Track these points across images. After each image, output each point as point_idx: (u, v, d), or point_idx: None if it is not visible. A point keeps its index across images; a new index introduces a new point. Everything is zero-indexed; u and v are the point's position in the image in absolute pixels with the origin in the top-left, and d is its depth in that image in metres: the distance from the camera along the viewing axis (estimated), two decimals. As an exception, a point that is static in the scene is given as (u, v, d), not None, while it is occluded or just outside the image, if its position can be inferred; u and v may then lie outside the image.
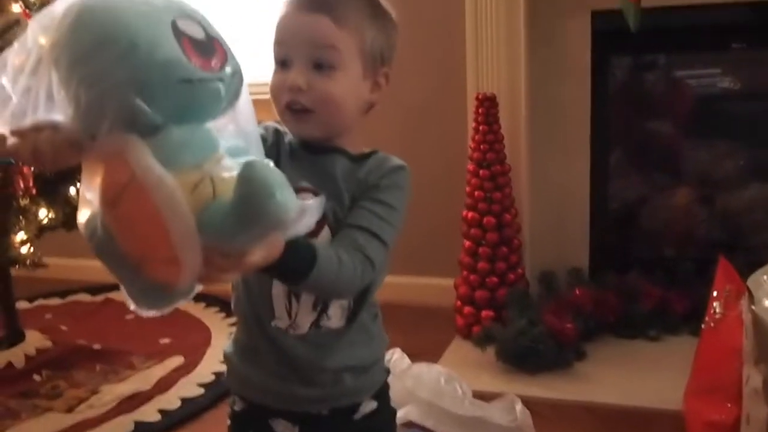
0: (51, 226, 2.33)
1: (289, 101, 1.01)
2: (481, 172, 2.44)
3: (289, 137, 1.07)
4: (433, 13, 2.64)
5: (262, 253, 0.78)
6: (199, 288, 0.83)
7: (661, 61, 2.76)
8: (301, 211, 0.75)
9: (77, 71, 0.72)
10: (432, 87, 2.70)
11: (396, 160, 1.07)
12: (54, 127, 0.74)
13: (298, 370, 1.04)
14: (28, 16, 2.24)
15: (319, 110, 1.01)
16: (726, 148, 2.71)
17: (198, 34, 0.77)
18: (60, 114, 0.74)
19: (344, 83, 1.01)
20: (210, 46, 0.78)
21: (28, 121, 0.74)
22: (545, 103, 2.60)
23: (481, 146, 2.43)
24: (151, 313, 0.85)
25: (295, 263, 0.88)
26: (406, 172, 1.06)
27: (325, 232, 1.01)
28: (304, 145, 1.06)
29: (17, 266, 2.27)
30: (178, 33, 0.74)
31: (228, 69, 0.79)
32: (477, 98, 2.44)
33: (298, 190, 0.98)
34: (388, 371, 1.15)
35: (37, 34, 0.75)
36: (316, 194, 1.01)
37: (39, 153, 0.74)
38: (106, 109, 0.71)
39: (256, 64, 1.17)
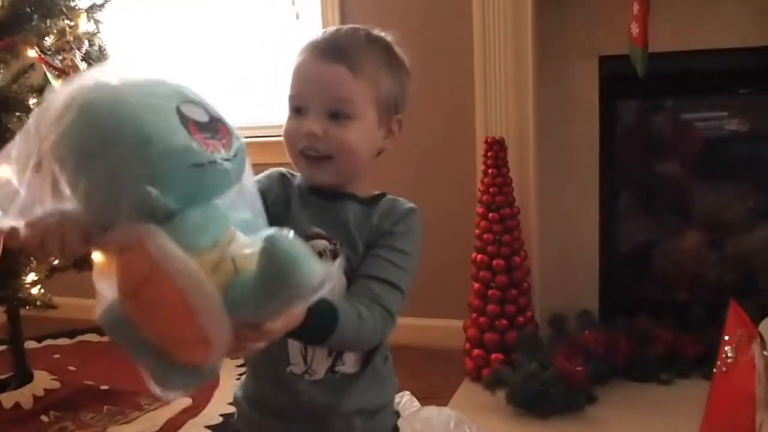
0: (61, 268, 2.34)
1: (304, 147, 1.02)
2: (490, 215, 2.44)
3: (298, 181, 1.08)
4: (442, 58, 2.67)
5: (283, 321, 0.79)
6: (223, 363, 0.83)
7: (668, 105, 2.78)
8: (325, 277, 0.75)
9: (86, 168, 0.72)
10: (441, 131, 2.72)
11: (406, 203, 1.08)
12: (62, 217, 0.74)
13: (310, 415, 1.04)
14: (43, 61, 2.28)
15: (335, 157, 1.02)
16: (735, 190, 2.71)
17: (202, 117, 0.78)
18: (68, 205, 0.74)
19: (359, 132, 1.02)
20: (215, 128, 0.79)
21: (36, 213, 0.75)
22: (554, 147, 2.61)
23: (490, 189, 2.44)
24: (177, 395, 0.85)
25: (317, 327, 0.90)
26: (417, 214, 1.07)
27: (340, 280, 1.01)
28: (314, 190, 1.07)
29: (27, 307, 2.27)
30: (183, 119, 0.75)
31: (234, 147, 0.80)
32: (486, 142, 2.46)
33: (310, 236, 1.01)
34: (398, 414, 1.14)
35: (40, 128, 0.75)
36: (328, 240, 1.02)
37: (48, 244, 0.75)
38: (120, 202, 0.72)
39: (267, 106, 1.19)
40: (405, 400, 2.04)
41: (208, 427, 2.21)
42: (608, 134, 2.66)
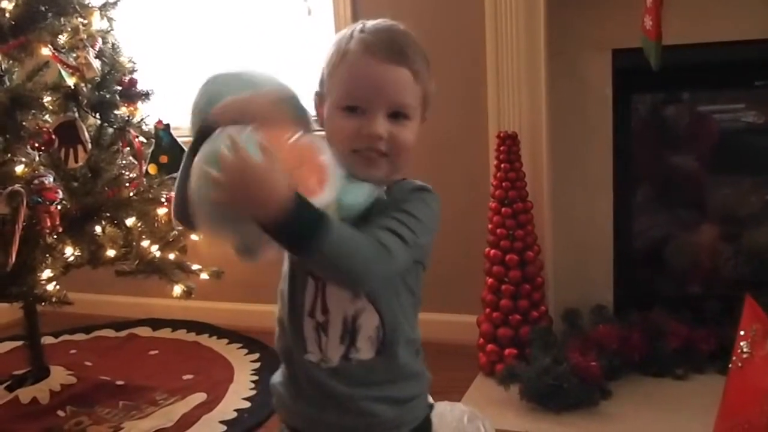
0: (77, 264, 2.35)
1: (363, 147, 1.03)
2: (503, 209, 2.44)
3: None
4: (454, 53, 2.67)
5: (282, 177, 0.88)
6: None
7: (683, 98, 2.76)
8: None
9: None
10: (454, 126, 2.71)
11: (418, 183, 1.10)
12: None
13: (333, 400, 1.05)
14: (57, 59, 2.30)
15: (394, 155, 1.05)
16: (750, 183, 2.69)
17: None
18: None
19: (414, 131, 1.07)
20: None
21: None
22: (567, 141, 2.60)
23: (503, 184, 2.44)
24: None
25: (303, 217, 0.90)
26: (432, 193, 1.08)
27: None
28: None
29: (43, 303, 2.29)
30: None
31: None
32: (498, 136, 2.46)
33: None
34: (431, 407, 1.16)
35: None
36: None
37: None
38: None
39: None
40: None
41: (222, 422, 2.22)
42: (622, 128, 2.64)
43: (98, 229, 2.39)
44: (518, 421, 2.11)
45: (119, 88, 2.50)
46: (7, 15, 2.22)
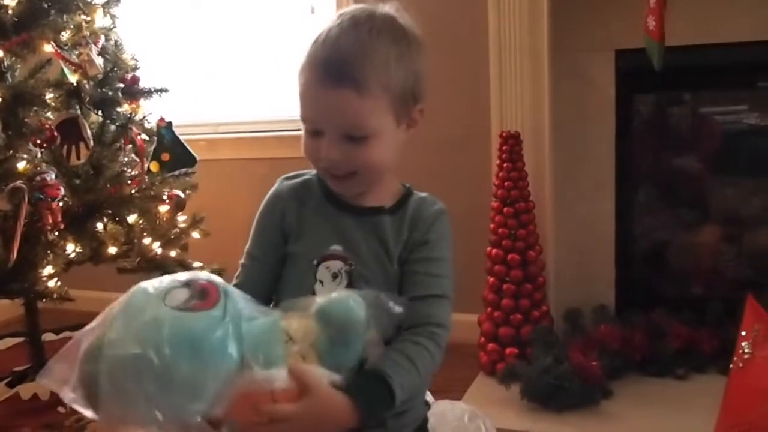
0: (78, 261, 2.36)
1: (326, 168, 1.02)
2: (505, 209, 2.44)
3: (317, 189, 1.09)
4: (457, 52, 2.67)
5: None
6: None
7: (686, 99, 2.76)
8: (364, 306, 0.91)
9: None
10: (456, 125, 2.72)
11: (433, 204, 1.08)
12: None
13: None
14: (60, 56, 2.30)
15: (360, 173, 1.02)
16: (753, 185, 2.68)
17: (183, 293, 0.86)
18: None
19: (380, 146, 1.01)
20: (201, 292, 0.86)
21: None
22: (569, 141, 2.60)
23: (505, 183, 2.44)
24: None
25: (377, 411, 0.95)
26: (446, 215, 1.08)
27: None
28: (341, 204, 1.07)
29: (44, 299, 2.29)
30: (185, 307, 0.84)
31: (220, 293, 0.87)
32: (501, 136, 2.45)
33: (326, 257, 1.04)
34: (428, 404, 1.17)
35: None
36: (344, 260, 1.04)
37: None
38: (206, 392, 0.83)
39: (283, 100, 1.18)
40: (419, 394, 2.04)
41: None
42: (625, 128, 2.64)
43: (100, 226, 2.39)
44: (519, 421, 2.11)
45: (122, 85, 2.50)
46: (10, 11, 2.22)
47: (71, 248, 2.29)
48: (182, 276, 0.89)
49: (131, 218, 2.44)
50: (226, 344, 0.83)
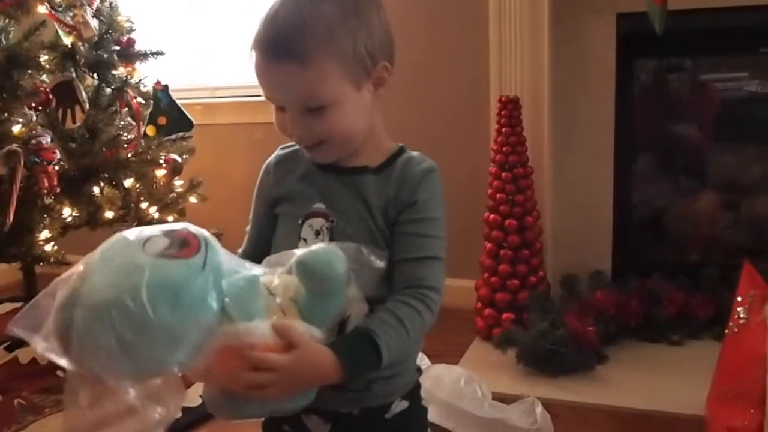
0: (75, 225, 2.35)
1: (297, 140, 1.04)
2: (503, 174, 2.43)
3: (304, 157, 1.09)
4: (456, 16, 2.64)
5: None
6: None
7: (686, 65, 2.74)
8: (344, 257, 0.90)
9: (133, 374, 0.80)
10: (455, 89, 2.70)
11: (421, 162, 1.06)
12: None
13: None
14: (54, 17, 2.27)
15: (329, 140, 1.02)
16: (752, 152, 2.68)
17: (162, 241, 0.83)
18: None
19: (342, 113, 1.00)
20: (182, 241, 0.84)
21: None
22: (569, 106, 2.58)
23: (504, 148, 2.43)
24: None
25: (362, 370, 0.95)
26: (435, 172, 1.05)
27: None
28: (326, 166, 1.07)
29: (41, 263, 2.30)
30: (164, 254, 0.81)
31: (201, 243, 0.85)
32: (500, 100, 2.44)
33: (309, 215, 1.05)
34: (419, 371, 1.15)
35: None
36: (326, 218, 1.04)
37: None
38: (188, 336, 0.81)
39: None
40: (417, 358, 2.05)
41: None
42: (624, 94, 2.62)
43: (96, 190, 2.39)
44: (515, 385, 2.12)
45: (117, 47, 2.48)
46: (3, -28, 2.19)
47: (68, 212, 2.29)
48: (163, 226, 0.87)
49: (128, 182, 2.43)
50: (207, 294, 0.82)
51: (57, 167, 2.15)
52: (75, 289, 0.80)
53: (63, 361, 0.80)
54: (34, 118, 2.21)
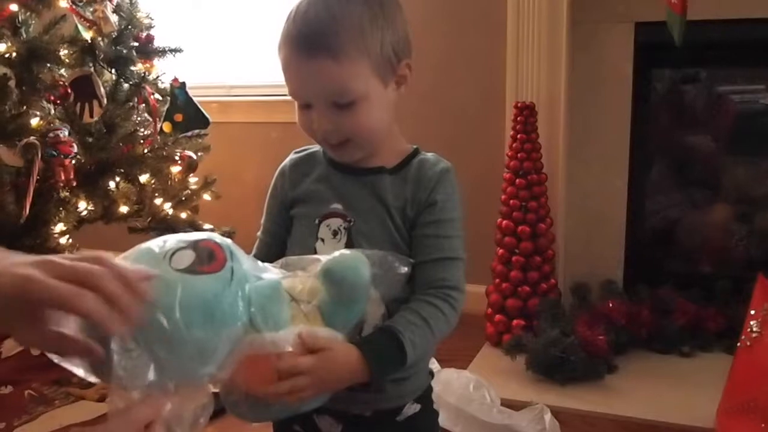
0: (90, 219, 2.36)
1: (321, 139, 1.03)
2: (517, 180, 2.43)
3: (321, 155, 1.11)
4: (474, 21, 2.64)
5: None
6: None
7: (703, 76, 2.73)
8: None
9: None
10: (471, 94, 2.70)
11: (438, 163, 1.06)
12: None
13: None
14: (74, 12, 2.29)
15: (355, 139, 1.02)
16: (767, 165, 2.67)
17: (189, 256, 0.83)
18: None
19: (370, 109, 1.00)
20: (208, 254, 0.84)
21: None
22: (585, 114, 2.58)
23: (519, 155, 2.42)
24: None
25: (389, 368, 0.96)
26: (452, 173, 1.06)
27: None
28: (342, 168, 1.08)
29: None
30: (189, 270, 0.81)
31: (227, 254, 0.85)
32: (516, 106, 2.44)
33: (327, 215, 1.05)
34: (432, 374, 1.15)
35: None
36: (343, 218, 1.05)
37: None
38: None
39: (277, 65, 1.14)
40: (425, 362, 2.05)
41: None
42: (641, 103, 2.62)
43: (112, 184, 2.40)
44: (523, 392, 2.12)
45: (136, 43, 2.49)
46: (26, -34, 2.20)
47: (83, 206, 2.30)
48: (186, 237, 0.87)
49: (143, 178, 2.44)
50: (236, 307, 0.83)
51: (74, 161, 2.16)
52: None
53: (94, 378, 0.82)
54: (53, 111, 2.23)
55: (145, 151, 2.43)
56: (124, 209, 2.40)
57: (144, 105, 2.50)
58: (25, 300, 0.69)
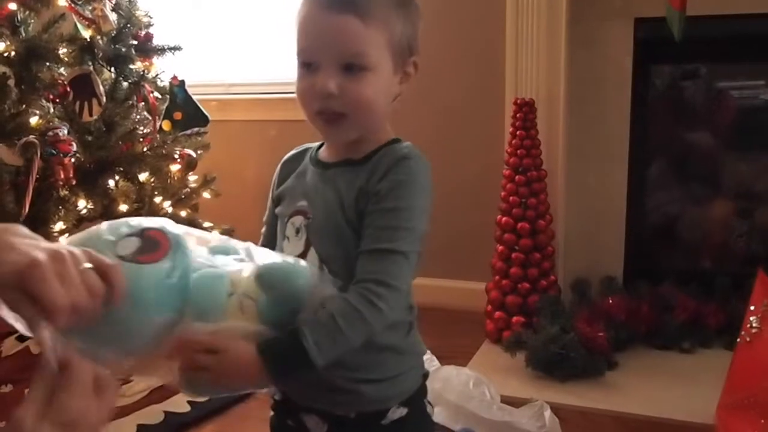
0: (89, 217, 2.36)
1: (320, 108, 0.99)
2: (516, 177, 2.43)
3: (311, 152, 1.09)
4: (473, 17, 2.64)
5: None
6: None
7: (702, 71, 2.73)
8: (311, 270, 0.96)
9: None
10: (470, 91, 2.70)
11: (400, 152, 1.00)
12: None
13: (317, 379, 1.03)
14: (74, 10, 2.28)
15: (353, 114, 0.98)
16: (767, 161, 2.66)
17: (134, 243, 0.87)
18: None
19: (376, 83, 0.98)
20: (152, 243, 0.87)
21: None
22: (584, 110, 2.58)
23: (518, 151, 2.42)
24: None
25: (288, 370, 0.94)
26: (412, 161, 0.99)
27: (311, 255, 1.01)
28: (320, 162, 1.07)
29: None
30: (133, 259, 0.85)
31: (171, 245, 0.88)
32: (515, 103, 2.44)
33: (293, 213, 1.05)
34: (425, 375, 1.12)
35: None
36: (305, 215, 1.03)
37: None
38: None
39: (276, 63, 1.13)
40: (425, 359, 2.05)
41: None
42: (641, 99, 2.61)
43: (111, 183, 2.40)
44: (523, 388, 2.12)
45: (135, 42, 2.49)
46: (24, -35, 2.20)
47: (83, 204, 2.29)
48: (140, 223, 0.90)
49: (143, 176, 2.44)
50: (166, 298, 0.86)
51: (73, 159, 2.16)
52: None
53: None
54: (52, 110, 2.22)
55: (145, 149, 2.42)
56: (123, 208, 2.40)
57: (143, 103, 2.50)
58: (21, 281, 0.73)
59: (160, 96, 2.54)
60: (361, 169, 1.00)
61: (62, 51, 2.26)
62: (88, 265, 0.78)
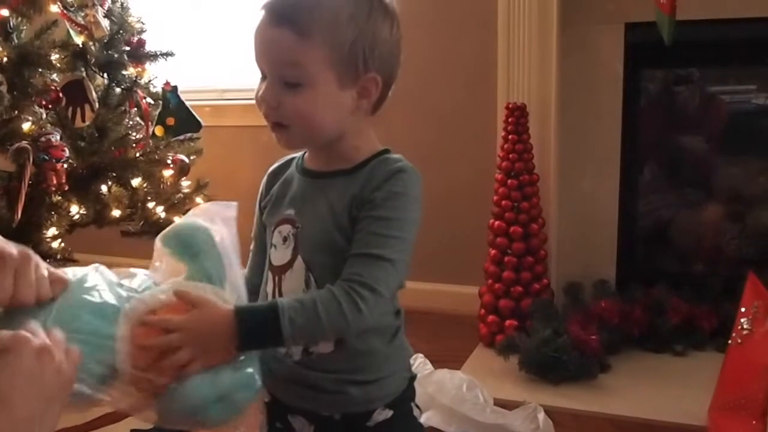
0: (82, 223, 2.36)
1: (265, 115, 1.02)
2: (509, 181, 2.43)
3: (297, 160, 1.10)
4: (465, 22, 2.65)
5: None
6: None
7: (694, 76, 2.74)
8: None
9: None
10: (462, 95, 2.70)
11: (395, 163, 1.02)
12: None
13: (303, 381, 1.04)
14: (66, 17, 2.28)
15: (293, 125, 1.00)
16: (758, 164, 2.68)
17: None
18: None
19: (314, 99, 0.98)
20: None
21: None
22: (576, 114, 2.59)
23: (510, 155, 2.43)
24: None
25: (259, 338, 0.94)
26: (406, 173, 1.00)
27: (299, 263, 1.02)
28: (305, 171, 1.07)
29: (48, 260, 2.29)
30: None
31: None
32: (507, 107, 2.44)
33: (280, 222, 1.05)
34: (411, 378, 1.12)
35: None
36: (292, 224, 1.04)
37: None
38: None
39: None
40: (418, 363, 2.06)
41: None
42: (632, 103, 2.63)
43: (104, 188, 2.40)
44: (516, 391, 2.12)
45: (127, 48, 2.49)
46: (16, -29, 2.20)
47: (75, 210, 2.29)
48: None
49: (135, 182, 2.44)
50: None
51: (65, 165, 2.16)
52: None
53: None
54: (44, 116, 2.22)
55: (137, 154, 2.42)
56: (116, 213, 2.40)
57: (136, 109, 2.49)
58: None
59: (152, 102, 2.53)
60: (353, 178, 1.02)
61: (55, 57, 2.25)
62: (46, 273, 0.88)
